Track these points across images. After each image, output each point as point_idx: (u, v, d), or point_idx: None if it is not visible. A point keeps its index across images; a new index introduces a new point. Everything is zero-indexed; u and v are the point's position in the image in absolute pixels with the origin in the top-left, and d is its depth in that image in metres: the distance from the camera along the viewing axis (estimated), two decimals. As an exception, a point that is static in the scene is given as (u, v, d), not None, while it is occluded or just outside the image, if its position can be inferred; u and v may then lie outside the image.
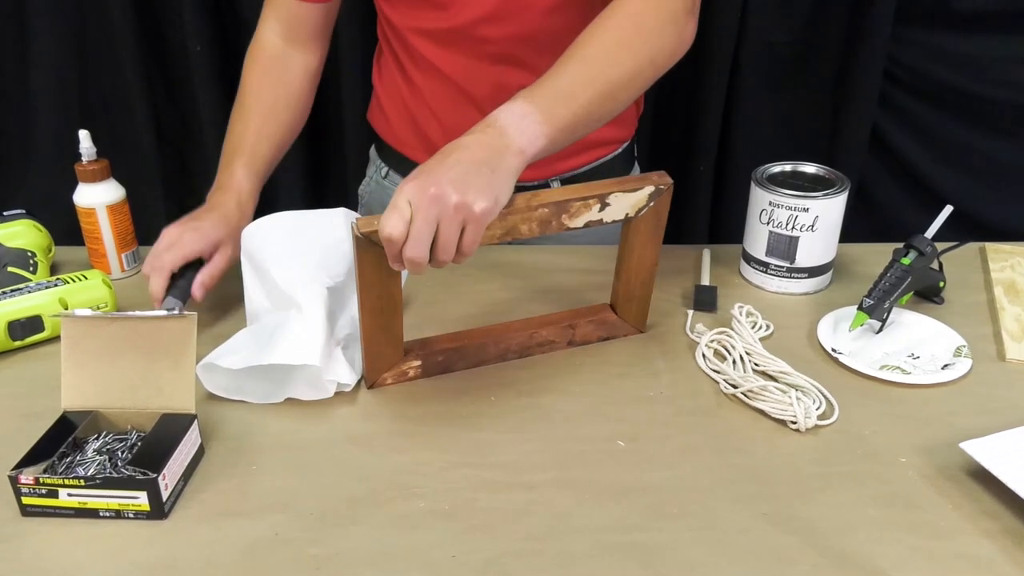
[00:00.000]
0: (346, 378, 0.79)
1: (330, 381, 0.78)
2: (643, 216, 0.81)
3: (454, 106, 1.01)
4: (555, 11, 0.95)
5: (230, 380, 0.78)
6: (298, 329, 0.78)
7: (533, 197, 0.76)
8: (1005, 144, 1.41)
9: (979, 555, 0.62)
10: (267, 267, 0.84)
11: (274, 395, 0.78)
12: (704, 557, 0.62)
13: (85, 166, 0.97)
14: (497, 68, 0.98)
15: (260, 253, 0.85)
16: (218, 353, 0.78)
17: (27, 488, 0.64)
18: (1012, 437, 0.69)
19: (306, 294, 0.81)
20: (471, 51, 0.97)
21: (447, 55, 0.98)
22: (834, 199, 0.93)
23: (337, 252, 0.85)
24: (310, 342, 0.77)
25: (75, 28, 1.39)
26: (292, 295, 0.81)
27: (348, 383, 0.79)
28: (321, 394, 0.78)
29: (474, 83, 0.99)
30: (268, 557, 0.62)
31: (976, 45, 1.34)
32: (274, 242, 0.85)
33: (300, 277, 0.82)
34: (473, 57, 0.97)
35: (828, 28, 1.37)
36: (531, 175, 1.06)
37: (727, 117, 1.44)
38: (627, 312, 0.88)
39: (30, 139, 1.47)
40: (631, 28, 0.81)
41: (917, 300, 0.95)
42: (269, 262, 0.84)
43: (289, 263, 0.83)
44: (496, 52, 0.97)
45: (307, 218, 0.88)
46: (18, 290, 0.87)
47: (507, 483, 0.69)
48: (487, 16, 0.94)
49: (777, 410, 0.76)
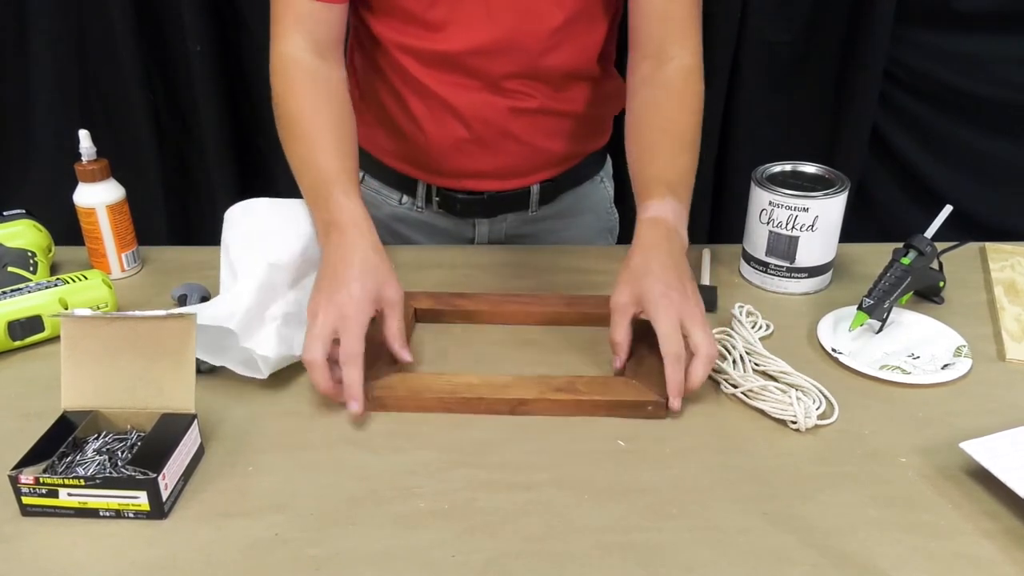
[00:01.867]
0: (266, 350, 0.78)
1: (261, 357, 0.78)
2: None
3: (438, 119, 1.00)
4: (549, 52, 0.95)
5: None
6: (227, 297, 0.81)
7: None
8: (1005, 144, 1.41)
9: (979, 555, 0.62)
10: (228, 245, 0.88)
11: (213, 359, 0.80)
12: (704, 557, 0.62)
13: (85, 166, 0.97)
14: (484, 94, 0.97)
15: (227, 233, 0.90)
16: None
17: (27, 488, 0.64)
18: (1012, 437, 0.69)
19: (243, 266, 0.84)
20: (460, 75, 0.96)
21: (435, 75, 0.97)
22: (834, 199, 0.93)
23: (293, 233, 0.89)
24: (230, 308, 0.79)
25: (75, 28, 1.40)
26: (237, 269, 0.84)
27: (267, 355, 0.78)
28: (253, 372, 0.79)
29: (461, 102, 0.98)
30: (268, 557, 0.62)
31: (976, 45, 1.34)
32: (242, 225, 0.90)
33: (247, 252, 0.86)
34: (462, 79, 0.96)
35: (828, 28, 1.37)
36: (512, 184, 1.07)
37: (727, 117, 1.44)
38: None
39: (30, 139, 1.47)
40: (696, 104, 0.93)
41: (917, 300, 0.95)
42: (231, 241, 0.88)
43: (244, 240, 0.87)
44: (485, 81, 0.96)
45: (281, 205, 0.93)
46: (18, 290, 0.87)
47: (507, 483, 0.69)
48: (480, 49, 0.94)
49: (777, 410, 0.76)
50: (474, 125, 0.99)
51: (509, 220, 1.12)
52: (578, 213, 1.15)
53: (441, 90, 0.97)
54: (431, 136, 1.01)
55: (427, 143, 1.02)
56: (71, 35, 1.40)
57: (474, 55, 0.94)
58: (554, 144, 1.05)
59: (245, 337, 0.78)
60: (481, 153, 1.02)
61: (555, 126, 1.04)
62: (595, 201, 1.17)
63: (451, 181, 1.07)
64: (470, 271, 1.02)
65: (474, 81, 0.96)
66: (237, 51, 1.43)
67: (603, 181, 1.18)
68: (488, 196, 1.08)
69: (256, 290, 0.81)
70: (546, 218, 1.13)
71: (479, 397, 0.76)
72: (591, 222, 1.18)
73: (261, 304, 0.81)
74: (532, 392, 0.77)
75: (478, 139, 1.01)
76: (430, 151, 1.03)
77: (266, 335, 0.80)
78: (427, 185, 1.09)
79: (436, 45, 0.94)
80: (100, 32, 1.39)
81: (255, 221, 0.91)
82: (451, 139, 1.01)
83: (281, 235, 0.89)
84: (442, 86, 0.97)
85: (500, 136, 1.01)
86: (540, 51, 0.95)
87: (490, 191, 1.07)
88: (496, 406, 0.76)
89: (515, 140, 1.02)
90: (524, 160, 1.05)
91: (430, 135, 1.01)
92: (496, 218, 1.11)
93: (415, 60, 0.96)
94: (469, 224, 1.12)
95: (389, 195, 1.12)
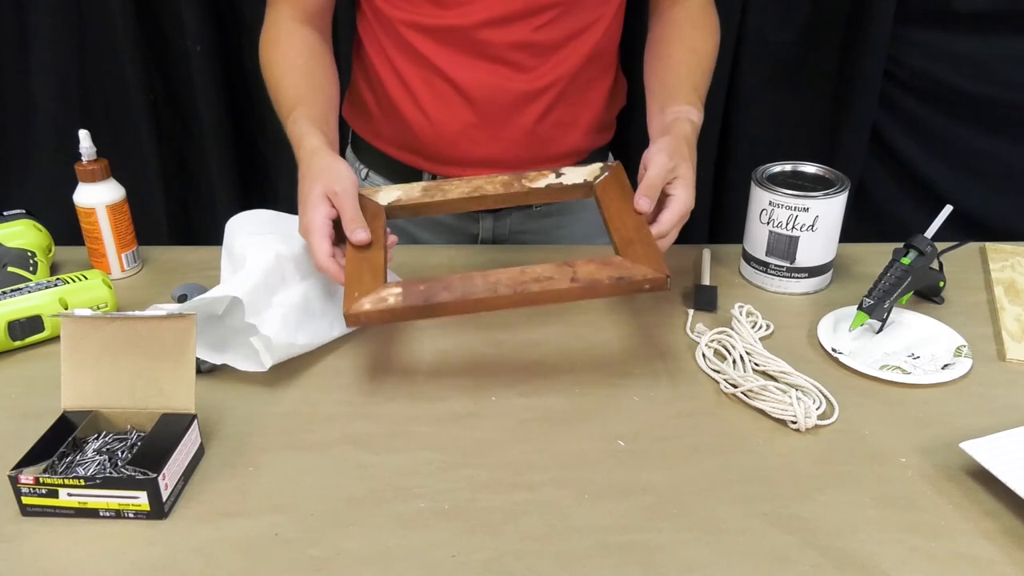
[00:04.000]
0: (269, 330, 0.79)
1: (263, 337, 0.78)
2: (604, 181, 0.90)
3: (445, 102, 1.00)
4: (557, 20, 0.95)
5: None
6: (232, 279, 0.82)
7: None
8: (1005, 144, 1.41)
9: (979, 555, 0.62)
10: (230, 246, 0.89)
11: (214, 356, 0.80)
12: (704, 557, 0.62)
13: (85, 166, 0.97)
14: (493, 67, 0.97)
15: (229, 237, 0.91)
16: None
17: (27, 488, 0.64)
18: (1012, 437, 0.69)
19: (250, 254, 0.85)
20: (468, 50, 0.97)
21: (442, 51, 0.97)
22: (834, 199, 0.93)
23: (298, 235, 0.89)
24: (236, 285, 0.80)
25: (75, 28, 1.39)
26: (245, 256, 0.85)
27: (269, 335, 0.79)
28: (255, 366, 0.79)
29: (468, 80, 0.98)
30: (268, 557, 0.62)
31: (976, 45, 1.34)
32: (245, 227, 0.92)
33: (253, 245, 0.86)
34: (470, 55, 0.97)
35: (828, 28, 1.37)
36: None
37: (727, 117, 1.44)
38: (633, 255, 0.80)
39: (30, 139, 1.46)
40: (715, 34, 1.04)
41: (917, 300, 0.95)
42: (233, 242, 0.89)
43: (248, 239, 0.88)
44: (494, 54, 0.96)
45: (284, 217, 0.94)
46: (18, 290, 0.87)
47: (507, 483, 0.69)
48: (490, 20, 0.94)
49: (777, 410, 0.76)
50: (481, 108, 0.99)
51: (513, 216, 1.12)
52: (582, 209, 1.15)
53: (450, 70, 0.98)
54: (436, 121, 1.01)
55: (432, 130, 1.02)
56: (71, 35, 1.40)
57: (483, 27, 0.94)
58: (559, 134, 1.05)
59: (251, 313, 0.78)
60: (486, 140, 1.02)
61: (561, 116, 1.03)
62: None
63: (455, 170, 1.06)
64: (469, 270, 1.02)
65: (483, 61, 0.97)
66: (237, 51, 1.42)
67: None
68: None
69: (263, 272, 0.82)
70: (550, 215, 1.13)
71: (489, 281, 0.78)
72: (595, 219, 1.17)
73: (268, 287, 0.82)
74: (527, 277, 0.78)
75: (484, 124, 1.00)
76: (435, 138, 1.03)
77: (271, 316, 0.81)
78: (432, 176, 1.09)
79: (444, 20, 0.95)
80: (100, 32, 1.39)
81: (259, 225, 0.92)
82: (457, 124, 1.01)
83: (285, 234, 0.89)
84: (451, 66, 0.97)
85: (506, 120, 1.00)
86: (548, 19, 0.95)
87: None
88: (500, 303, 0.77)
89: (520, 127, 1.01)
90: (528, 150, 1.05)
91: (436, 121, 1.01)
92: (499, 214, 1.11)
93: (425, 38, 0.97)
94: (473, 219, 1.12)
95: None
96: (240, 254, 0.87)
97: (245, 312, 0.78)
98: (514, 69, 0.98)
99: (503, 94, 0.99)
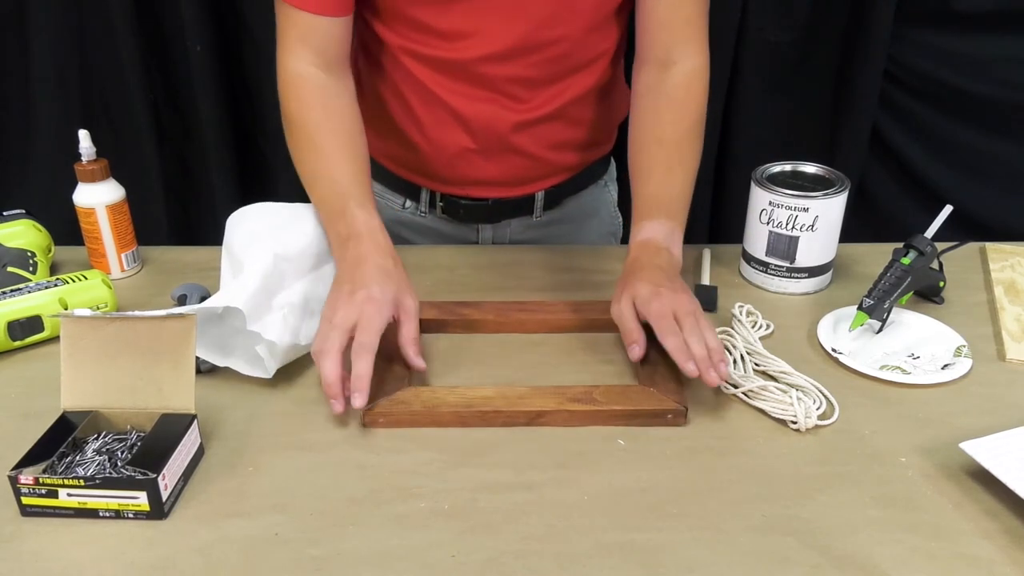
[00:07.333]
0: (272, 335, 0.78)
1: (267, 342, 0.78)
2: None
3: (443, 128, 1.00)
4: (558, 58, 0.95)
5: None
6: (232, 285, 0.82)
7: None
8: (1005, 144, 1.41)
9: (979, 555, 0.62)
10: (230, 245, 0.89)
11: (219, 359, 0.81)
12: (704, 557, 0.62)
13: (85, 166, 0.97)
14: (492, 96, 0.97)
15: (229, 235, 0.90)
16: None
17: (27, 488, 0.64)
18: (1012, 437, 0.69)
19: (249, 257, 0.84)
20: (467, 80, 0.96)
21: (441, 80, 0.96)
22: (834, 199, 0.93)
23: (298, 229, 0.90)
24: (236, 292, 0.79)
25: (75, 28, 1.39)
26: (242, 260, 0.85)
27: (273, 340, 0.78)
28: (259, 371, 0.79)
29: (466, 108, 0.97)
30: (268, 557, 0.62)
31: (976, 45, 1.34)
32: (245, 225, 0.91)
33: (252, 246, 0.86)
34: (468, 85, 0.96)
35: (828, 28, 1.37)
36: (516, 192, 1.07)
37: (727, 117, 1.44)
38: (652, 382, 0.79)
39: (30, 139, 1.47)
40: (697, 111, 0.94)
41: (917, 300, 0.95)
42: (233, 240, 0.89)
43: (248, 238, 0.88)
44: (492, 86, 0.96)
45: (284, 207, 0.94)
46: (18, 290, 0.87)
47: (507, 483, 0.69)
48: (490, 56, 0.93)
49: (777, 410, 0.76)
50: (479, 135, 0.99)
51: (513, 225, 1.12)
52: (582, 217, 1.15)
53: (448, 98, 0.97)
54: (435, 144, 1.01)
55: (431, 151, 1.02)
56: (71, 34, 1.40)
57: (484, 61, 0.94)
58: (559, 155, 1.05)
59: (252, 320, 0.78)
60: (485, 163, 1.02)
61: (560, 138, 1.03)
62: (599, 205, 1.17)
63: (455, 188, 1.07)
64: (470, 271, 1.02)
65: (482, 91, 0.96)
66: (237, 51, 1.42)
67: (607, 185, 1.18)
68: (492, 202, 1.08)
69: (262, 277, 0.82)
70: (550, 223, 1.13)
71: (496, 410, 0.75)
72: (595, 226, 1.18)
73: (268, 291, 0.82)
74: (549, 404, 0.76)
75: (483, 150, 1.00)
76: (434, 159, 1.03)
77: (272, 320, 0.80)
78: (430, 191, 1.08)
79: (446, 53, 0.94)
80: (100, 32, 1.39)
81: (259, 221, 0.92)
82: (455, 148, 1.01)
83: (286, 231, 0.89)
84: (450, 94, 0.96)
85: (504, 148, 1.01)
86: (553, 58, 0.94)
87: (494, 197, 1.07)
88: (514, 418, 0.75)
89: (519, 153, 1.02)
90: (528, 171, 1.05)
91: (434, 143, 1.01)
92: (500, 223, 1.11)
93: (423, 66, 0.96)
94: (473, 229, 1.12)
95: (392, 199, 1.12)
96: (239, 255, 0.87)
97: (247, 321, 0.78)
98: (513, 99, 0.97)
99: (501, 123, 0.98)
